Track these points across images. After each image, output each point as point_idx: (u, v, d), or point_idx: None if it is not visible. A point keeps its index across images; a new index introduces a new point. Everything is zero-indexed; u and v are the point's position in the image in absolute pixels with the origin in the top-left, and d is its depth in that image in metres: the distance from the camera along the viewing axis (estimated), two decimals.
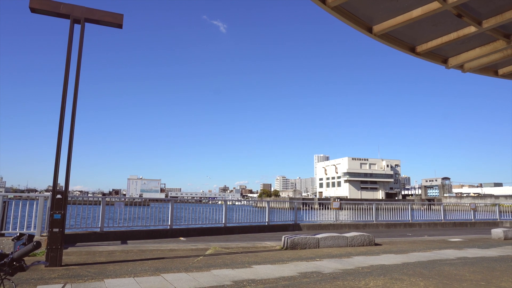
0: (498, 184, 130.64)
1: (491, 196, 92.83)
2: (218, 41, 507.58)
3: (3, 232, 9.25)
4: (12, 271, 2.01)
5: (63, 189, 7.60)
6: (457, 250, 10.70)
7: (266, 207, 16.73)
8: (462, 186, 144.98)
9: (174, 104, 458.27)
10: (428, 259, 8.94)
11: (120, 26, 8.32)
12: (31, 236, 2.18)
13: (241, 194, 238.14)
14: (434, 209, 23.18)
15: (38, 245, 2.08)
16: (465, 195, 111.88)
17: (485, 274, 7.17)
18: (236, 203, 21.10)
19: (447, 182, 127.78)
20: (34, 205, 9.84)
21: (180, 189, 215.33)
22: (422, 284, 6.24)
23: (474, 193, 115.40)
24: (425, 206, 24.71)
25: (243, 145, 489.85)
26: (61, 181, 7.82)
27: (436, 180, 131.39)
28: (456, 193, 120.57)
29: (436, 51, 6.37)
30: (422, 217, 21.79)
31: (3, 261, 2.00)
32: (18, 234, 2.23)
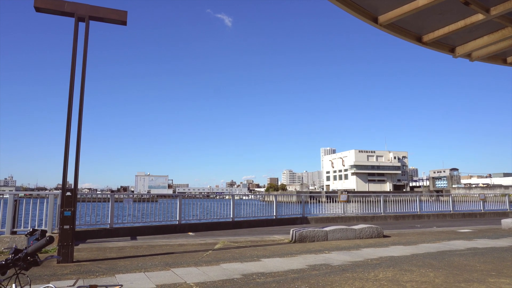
0: (508, 174, 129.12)
1: (500, 186, 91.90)
2: (223, 35, 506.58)
3: (15, 230, 9.39)
4: (27, 265, 2.04)
5: (72, 186, 7.68)
6: (467, 240, 10.64)
7: (273, 201, 16.75)
8: (470, 177, 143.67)
9: (180, 100, 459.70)
10: (438, 250, 8.90)
11: (124, 23, 8.33)
12: (43, 232, 2.20)
13: (248, 188, 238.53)
14: (443, 201, 23.05)
15: (51, 240, 2.10)
16: (474, 186, 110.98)
17: (496, 264, 7.13)
18: (244, 197, 21.15)
19: (455, 173, 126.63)
20: (45, 203, 9.96)
21: (187, 185, 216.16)
22: (431, 275, 6.22)
23: (483, 184, 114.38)
24: (433, 198, 24.59)
25: (249, 140, 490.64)
26: (70, 179, 7.91)
27: (444, 171, 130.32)
28: (464, 184, 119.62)
29: (443, 40, 6.28)
30: (431, 209, 21.69)
31: (17, 256, 2.03)
32: (31, 230, 2.25)
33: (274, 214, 16.41)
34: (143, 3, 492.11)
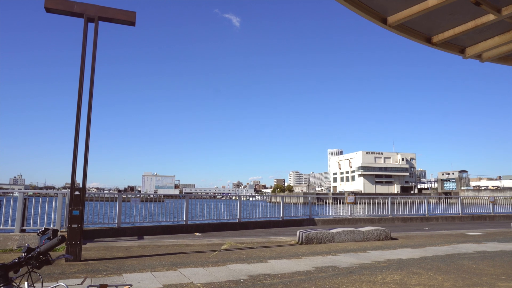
0: None
1: (510, 189, 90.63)
2: (231, 35, 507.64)
3: (24, 228, 9.50)
4: (39, 264, 2.05)
5: (81, 186, 7.73)
6: (476, 244, 10.51)
7: (280, 202, 16.72)
8: (480, 179, 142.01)
9: (187, 99, 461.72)
10: (446, 253, 8.81)
11: (133, 23, 8.38)
12: (55, 231, 2.22)
13: (255, 189, 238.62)
14: (451, 203, 22.76)
15: (63, 239, 2.11)
16: (483, 188, 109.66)
17: (506, 268, 7.02)
18: (250, 198, 21.15)
19: (464, 175, 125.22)
20: (53, 202, 10.06)
21: (194, 185, 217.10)
22: (440, 278, 6.15)
23: (493, 186, 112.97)
24: (441, 200, 24.28)
25: (256, 141, 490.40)
26: (78, 179, 7.97)
27: (453, 173, 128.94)
28: (473, 186, 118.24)
29: (453, 41, 6.21)
30: (439, 211, 21.43)
31: (30, 255, 2.05)
32: (43, 229, 2.27)
33: (281, 215, 16.37)
34: (150, 3, 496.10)
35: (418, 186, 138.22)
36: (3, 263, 1.98)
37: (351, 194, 18.80)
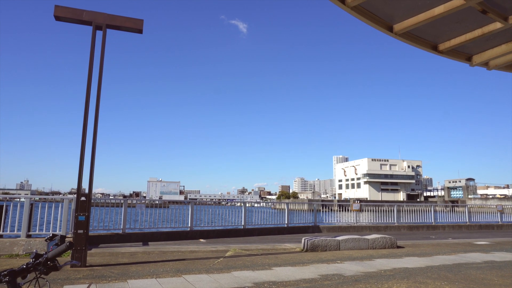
0: None
1: None
2: (238, 41, 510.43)
3: (30, 233, 9.56)
4: (47, 270, 2.07)
5: (87, 191, 7.78)
6: (484, 253, 10.38)
7: (285, 209, 16.66)
8: (487, 187, 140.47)
9: (193, 105, 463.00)
10: (453, 262, 8.70)
11: (140, 31, 8.48)
12: (63, 237, 2.24)
13: (260, 196, 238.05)
14: (458, 211, 22.56)
15: (71, 245, 2.13)
16: (490, 196, 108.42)
17: None
18: (255, 205, 21.09)
19: (471, 183, 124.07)
20: (59, 207, 10.12)
21: (199, 191, 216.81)
22: None
23: (501, 195, 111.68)
24: (448, 208, 24.03)
25: (262, 147, 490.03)
26: (85, 184, 8.02)
27: (460, 181, 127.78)
28: (481, 195, 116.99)
29: (459, 48, 6.20)
30: (446, 219, 21.21)
31: (38, 261, 2.07)
32: (51, 235, 2.29)
33: (286, 222, 16.30)
34: (157, 9, 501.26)
35: (425, 194, 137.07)
36: (11, 269, 1.99)
37: (356, 201, 18.69)
